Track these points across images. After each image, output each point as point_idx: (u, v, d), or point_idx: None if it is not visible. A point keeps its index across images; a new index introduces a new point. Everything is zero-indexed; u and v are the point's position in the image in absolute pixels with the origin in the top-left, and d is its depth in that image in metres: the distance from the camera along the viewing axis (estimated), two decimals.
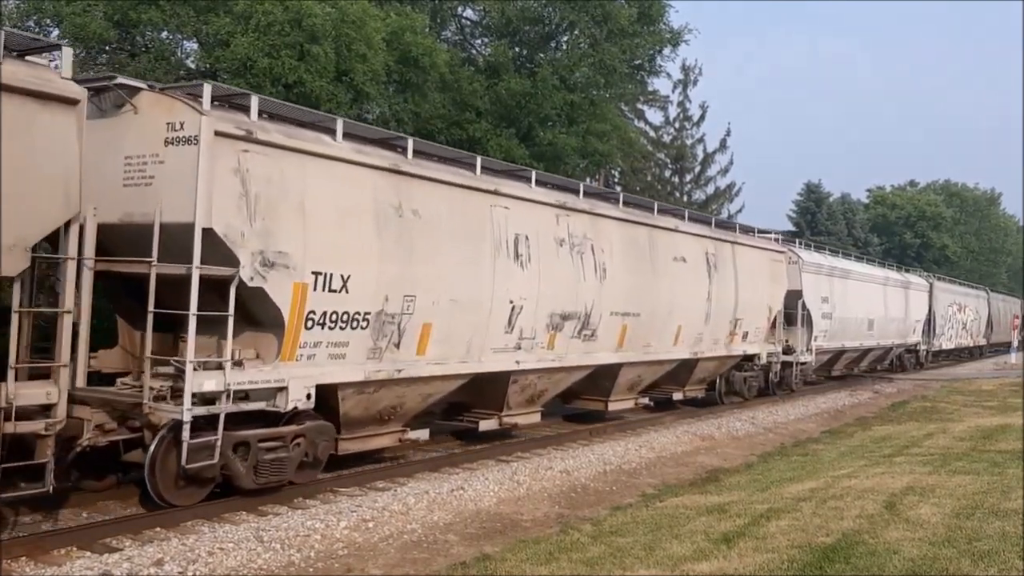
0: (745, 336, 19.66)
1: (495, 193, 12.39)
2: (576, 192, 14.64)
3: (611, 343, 14.97)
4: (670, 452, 14.31)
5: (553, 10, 25.80)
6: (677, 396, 18.55)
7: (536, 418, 14.40)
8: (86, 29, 16.72)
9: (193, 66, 19.26)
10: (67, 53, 8.10)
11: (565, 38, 27.07)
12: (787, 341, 22.33)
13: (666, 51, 28.51)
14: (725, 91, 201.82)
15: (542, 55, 26.49)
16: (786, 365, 22.65)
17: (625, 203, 15.95)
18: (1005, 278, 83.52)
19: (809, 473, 11.96)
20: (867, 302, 28.31)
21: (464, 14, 28.62)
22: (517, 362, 12.90)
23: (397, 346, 10.83)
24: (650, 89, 37.91)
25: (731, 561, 7.21)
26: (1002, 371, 36.40)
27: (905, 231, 69.79)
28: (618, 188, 36.38)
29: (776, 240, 22.89)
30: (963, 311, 43.87)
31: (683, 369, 17.97)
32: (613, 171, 37.68)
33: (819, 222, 60.35)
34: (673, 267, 16.61)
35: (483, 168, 12.52)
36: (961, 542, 7.52)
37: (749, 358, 20.54)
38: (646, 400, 17.31)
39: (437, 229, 11.23)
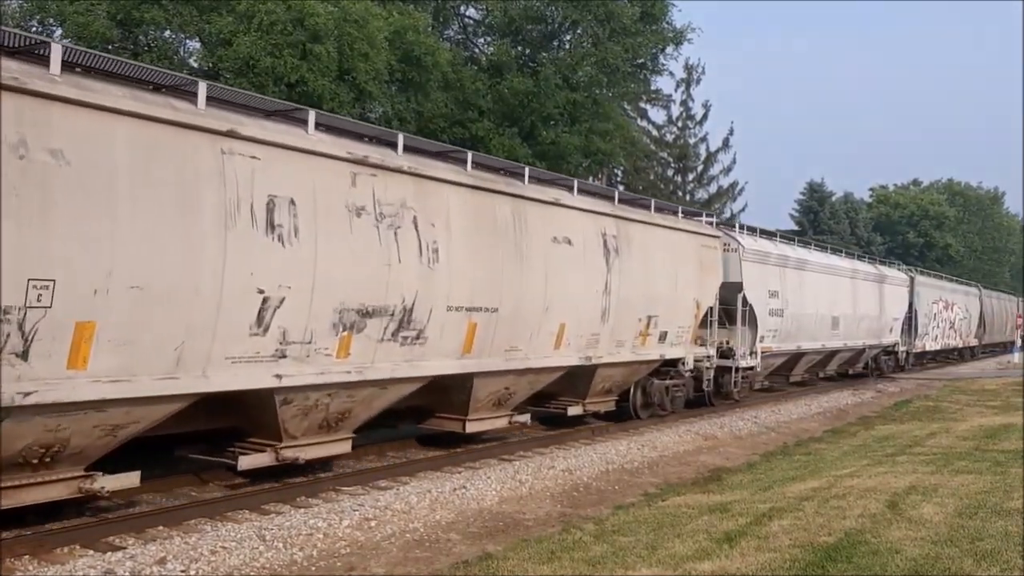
0: (663, 337, 16.37)
1: (230, 136, 8.66)
2: (392, 145, 10.82)
3: (452, 347, 11.54)
4: (672, 451, 14.31)
5: (556, 9, 25.82)
6: (575, 411, 15.27)
7: (343, 447, 10.90)
8: (89, 28, 16.76)
9: (195, 65, 19.29)
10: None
11: (568, 37, 27.10)
12: (726, 343, 19.25)
13: (669, 50, 28.53)
14: (728, 90, 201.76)
15: (545, 54, 26.50)
16: (724, 371, 19.41)
17: (477, 165, 12.32)
18: (1008, 277, 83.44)
19: (811, 472, 11.95)
20: (831, 297, 24.65)
21: (467, 13, 28.64)
22: (279, 376, 9.29)
23: (23, 355, 7.16)
24: (653, 88, 37.92)
25: (733, 560, 7.21)
26: (1005, 370, 36.34)
27: (908, 230, 69.79)
28: (622, 187, 36.32)
29: (711, 223, 19.56)
30: (950, 309, 40.15)
31: (578, 378, 14.84)
32: (616, 170, 37.68)
33: (822, 221, 60.35)
34: (552, 250, 13.21)
35: (213, 99, 8.90)
36: (964, 541, 7.52)
37: (671, 363, 17.27)
38: (525, 419, 13.85)
39: (103, 182, 7.58)
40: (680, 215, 17.37)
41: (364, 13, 18.23)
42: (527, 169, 13.35)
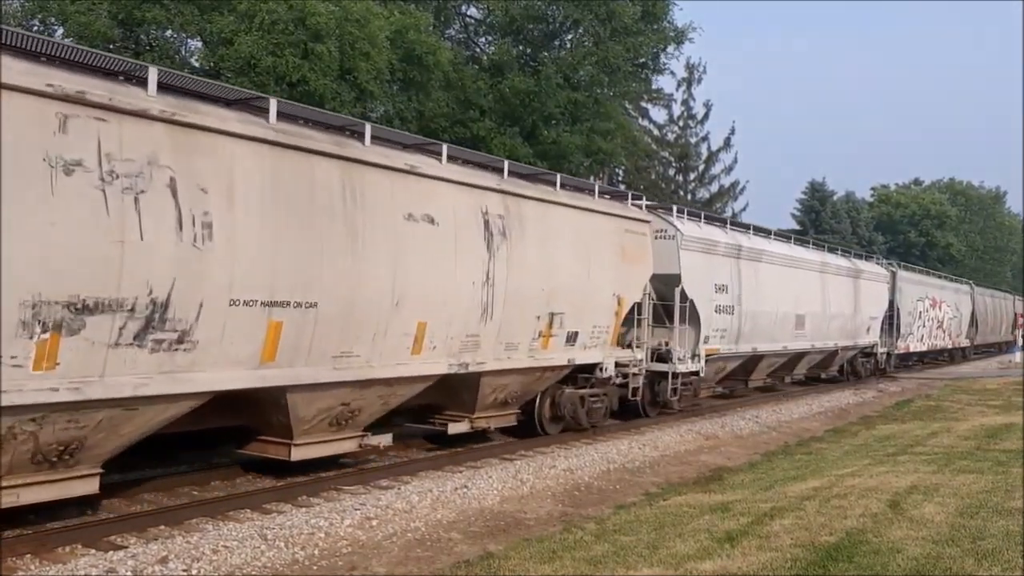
0: (572, 338, 13.86)
1: None
2: (140, 81, 8.24)
3: (243, 353, 8.86)
4: (673, 451, 14.31)
5: (557, 8, 25.83)
6: (458, 428, 12.72)
7: (85, 488, 8.19)
8: (90, 28, 16.77)
9: (197, 64, 19.30)
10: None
11: (569, 36, 27.11)
12: (664, 344, 16.83)
13: (670, 49, 28.53)
14: (729, 90, 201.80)
15: (546, 53, 26.52)
16: (660, 377, 16.90)
17: (290, 118, 9.77)
18: (1009, 276, 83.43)
19: (813, 472, 11.95)
20: (795, 293, 21.84)
21: (468, 12, 28.65)
22: None
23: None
24: (654, 87, 37.92)
25: (734, 560, 7.21)
26: (1006, 370, 36.32)
27: (909, 230, 69.79)
28: (621, 186, 36.35)
29: (640, 206, 16.58)
30: (938, 307, 37.09)
31: (460, 389, 12.35)
32: (617, 170, 37.69)
33: (823, 221, 60.34)
34: (406, 231, 10.51)
35: None
36: (965, 541, 7.51)
37: (588, 369, 14.78)
38: (382, 440, 11.27)
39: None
40: (597, 195, 14.80)
41: (365, 12, 18.24)
42: (368, 127, 10.31)
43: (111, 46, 17.67)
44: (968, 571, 6.73)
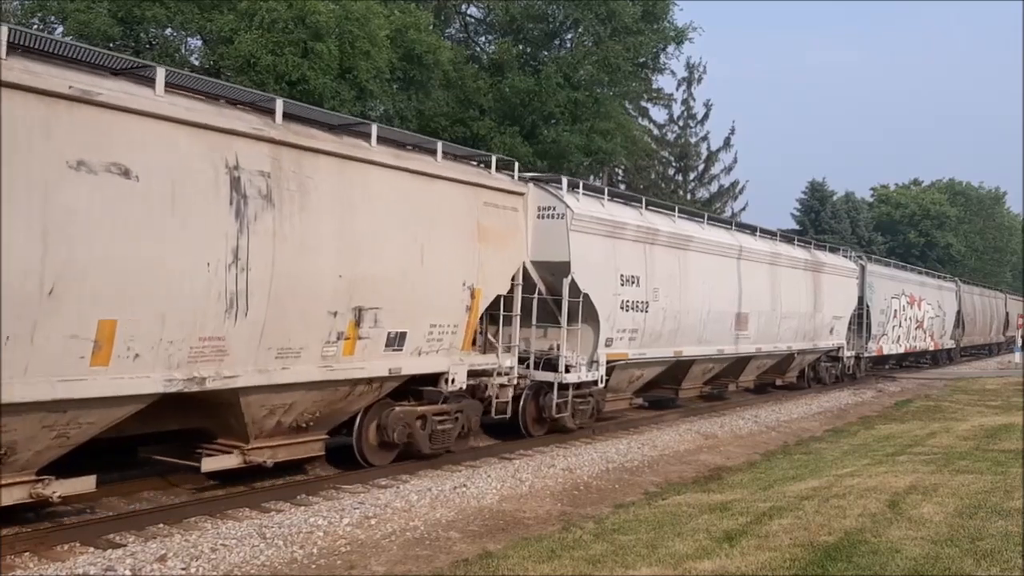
0: (398, 341, 10.85)
1: None
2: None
3: None
4: (673, 450, 14.31)
5: (557, 8, 25.84)
6: (222, 463, 9.64)
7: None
8: (90, 26, 16.77)
9: (197, 63, 19.30)
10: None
11: (569, 36, 27.11)
12: (555, 347, 14.03)
13: (670, 49, 28.54)
14: (729, 89, 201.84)
15: (546, 53, 26.53)
16: (545, 389, 13.99)
17: None
18: (1009, 277, 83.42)
19: (812, 472, 11.95)
20: (734, 288, 18.87)
21: (468, 12, 28.65)
22: None
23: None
24: (654, 87, 37.92)
25: (733, 559, 7.21)
26: (1006, 370, 36.33)
27: (909, 230, 69.75)
28: (621, 186, 36.34)
29: (512, 176, 13.38)
30: (917, 305, 33.87)
31: (217, 411, 9.49)
32: (617, 169, 37.70)
33: (823, 220, 60.33)
34: (69, 185, 7.46)
35: None
36: (964, 541, 7.51)
37: (431, 380, 11.85)
38: (72, 486, 8.13)
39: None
40: (440, 155, 11.56)
41: (365, 11, 18.23)
42: (3, 29, 7.23)
43: (110, 44, 17.67)
44: (967, 571, 6.73)
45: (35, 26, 18.01)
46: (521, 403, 13.82)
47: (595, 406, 15.10)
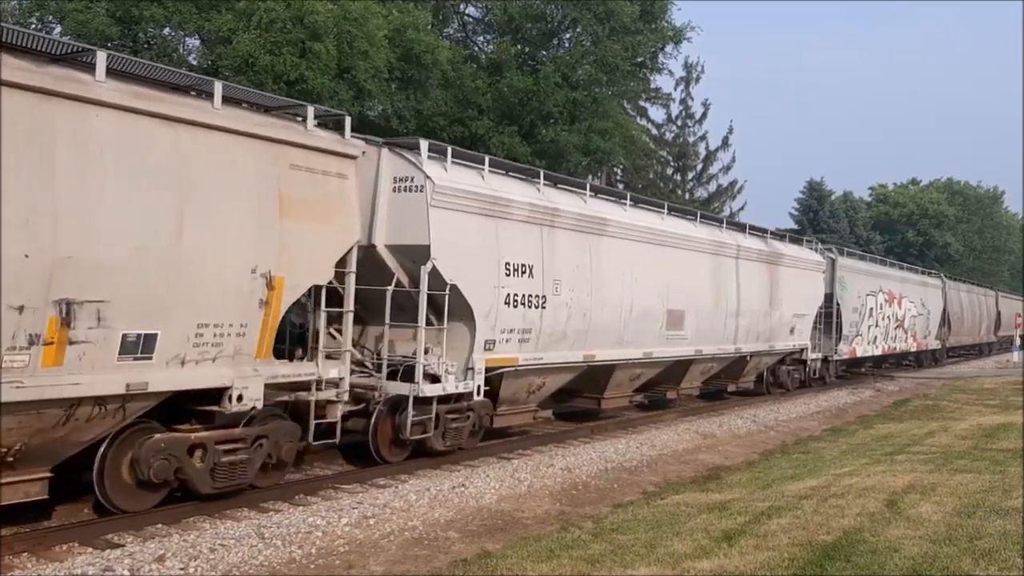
0: (143, 347, 8.23)
1: None
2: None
3: None
4: (671, 450, 14.31)
5: (555, 7, 25.85)
6: None
7: None
8: (88, 26, 16.75)
9: (195, 63, 19.30)
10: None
11: (567, 35, 27.11)
12: (408, 355, 11.53)
13: (668, 48, 28.55)
14: (728, 89, 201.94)
15: (544, 52, 26.53)
16: (404, 404, 11.33)
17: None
18: (1007, 276, 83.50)
19: (810, 471, 11.96)
20: (665, 281, 16.25)
21: (466, 11, 28.66)
22: None
23: None
24: (652, 87, 37.94)
25: (732, 559, 7.21)
26: (1004, 369, 36.36)
27: (908, 229, 69.80)
28: (620, 186, 36.39)
29: (344, 136, 10.44)
30: (897, 303, 31.36)
31: None
32: (615, 168, 37.71)
33: (821, 220, 60.40)
34: None
35: None
36: (962, 540, 7.52)
37: (209, 398, 9.08)
38: None
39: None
40: (219, 99, 8.86)
41: (364, 11, 18.22)
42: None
43: (109, 44, 17.66)
44: (965, 570, 6.73)
45: (33, 26, 18.00)
46: (373, 422, 11.25)
47: (477, 423, 12.64)
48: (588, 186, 15.13)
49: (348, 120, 10.59)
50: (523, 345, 12.98)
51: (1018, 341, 47.28)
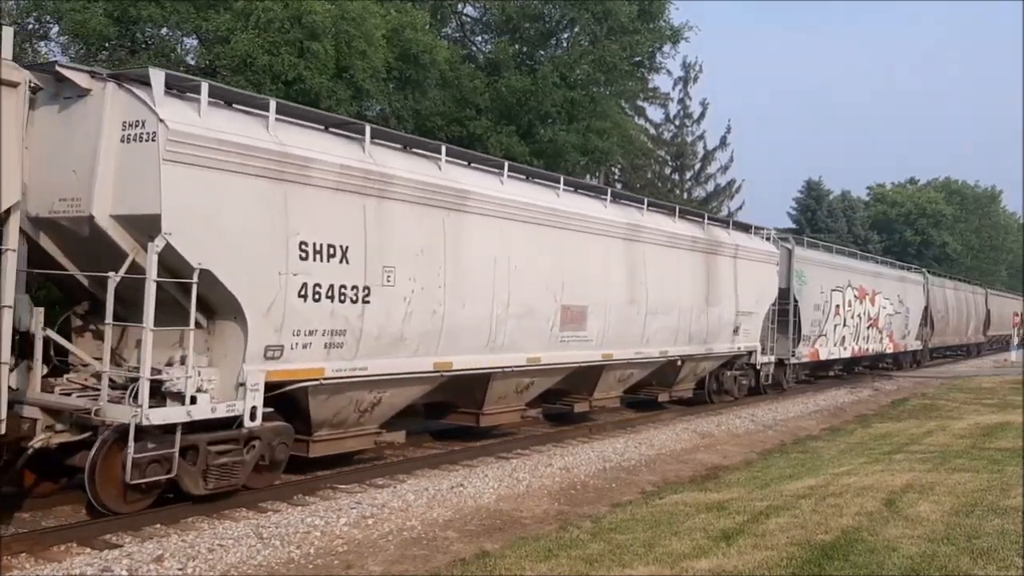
0: None
1: None
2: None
3: None
4: (669, 449, 14.31)
5: (553, 7, 25.83)
6: None
7: None
8: (86, 26, 16.72)
9: (193, 63, 19.29)
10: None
11: (565, 35, 27.09)
12: (177, 360, 8.98)
13: (666, 48, 28.54)
14: (726, 88, 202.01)
15: (542, 52, 26.51)
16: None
17: None
18: (1005, 275, 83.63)
19: (809, 470, 11.96)
20: (559, 271, 13.60)
21: (464, 11, 28.64)
22: None
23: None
24: (651, 86, 37.94)
25: (730, 558, 7.21)
26: (1002, 368, 36.39)
27: (905, 228, 69.87)
28: (618, 185, 36.40)
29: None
30: (869, 300, 28.57)
31: None
32: (614, 168, 37.71)
33: (819, 219, 60.46)
34: None
35: None
36: (960, 540, 7.53)
37: None
38: None
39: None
40: None
41: (362, 11, 18.19)
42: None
43: (106, 44, 17.63)
44: (963, 569, 6.74)
45: (31, 26, 17.98)
46: (91, 457, 8.33)
47: (267, 456, 9.62)
48: (444, 149, 11.87)
49: (11, 31, 7.82)
50: (333, 352, 9.97)
51: (1016, 340, 47.20)
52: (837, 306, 25.83)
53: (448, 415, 13.58)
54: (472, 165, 12.69)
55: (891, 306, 31.04)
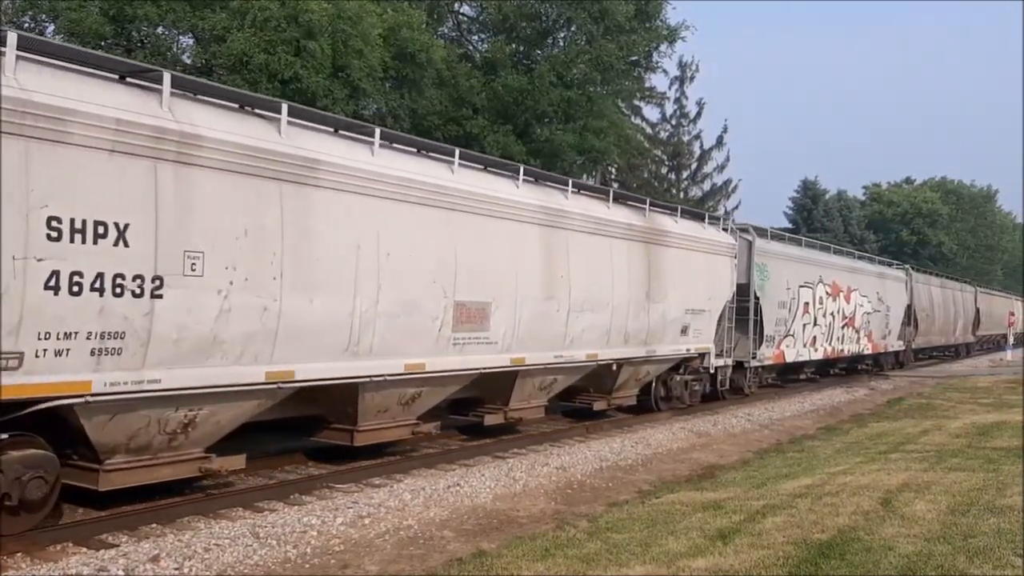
0: None
1: None
2: None
3: None
4: (666, 449, 14.32)
5: (550, 6, 25.85)
6: None
7: None
8: (82, 25, 16.71)
9: (189, 62, 19.26)
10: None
11: (562, 34, 27.12)
12: None
13: (663, 47, 28.58)
14: (723, 88, 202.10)
15: (539, 51, 26.54)
16: None
17: None
18: (1001, 275, 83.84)
19: (805, 470, 11.97)
20: (445, 260, 11.46)
21: (461, 10, 28.64)
22: None
23: None
24: (647, 86, 37.96)
25: (727, 557, 7.21)
26: (998, 368, 36.46)
27: (901, 228, 70.03)
28: (615, 185, 36.40)
29: None
30: (844, 297, 26.26)
31: None
32: (610, 167, 37.72)
33: (815, 219, 60.57)
34: None
35: None
36: (956, 539, 7.53)
37: None
38: None
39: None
40: None
41: (358, 10, 18.20)
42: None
43: (102, 43, 17.61)
44: (959, 568, 6.74)
45: (26, 24, 17.94)
46: None
47: (11, 496, 7.52)
48: (285, 109, 9.48)
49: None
50: (106, 360, 7.80)
51: (1011, 340, 47.32)
52: (806, 303, 23.40)
53: (321, 431, 11.41)
54: (339, 132, 10.48)
55: (869, 304, 28.65)
